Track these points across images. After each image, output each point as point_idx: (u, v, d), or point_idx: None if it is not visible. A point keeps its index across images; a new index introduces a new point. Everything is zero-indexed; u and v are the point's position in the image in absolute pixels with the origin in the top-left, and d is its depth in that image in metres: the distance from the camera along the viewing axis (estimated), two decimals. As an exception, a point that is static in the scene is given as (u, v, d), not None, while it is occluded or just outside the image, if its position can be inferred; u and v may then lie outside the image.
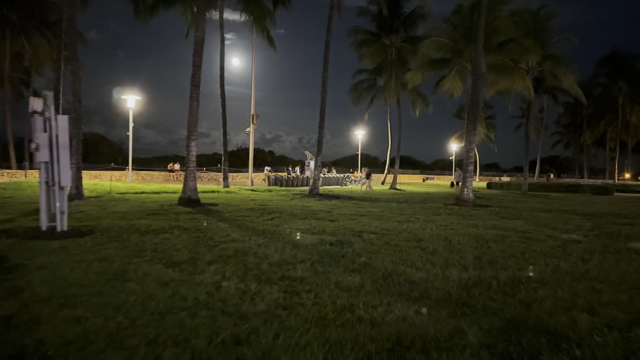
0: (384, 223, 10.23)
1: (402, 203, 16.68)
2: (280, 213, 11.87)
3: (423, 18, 33.17)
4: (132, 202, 14.20)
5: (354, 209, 13.97)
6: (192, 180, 13.26)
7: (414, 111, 40.07)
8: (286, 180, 31.95)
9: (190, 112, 13.10)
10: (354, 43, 34.04)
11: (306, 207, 13.81)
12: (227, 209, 12.50)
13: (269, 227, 9.07)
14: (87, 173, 30.28)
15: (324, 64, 19.17)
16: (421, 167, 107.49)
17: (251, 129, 29.97)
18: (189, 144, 13.23)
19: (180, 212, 11.39)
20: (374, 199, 18.36)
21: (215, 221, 9.86)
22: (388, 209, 14.18)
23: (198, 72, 13.13)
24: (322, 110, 19.20)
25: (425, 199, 19.49)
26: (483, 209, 14.64)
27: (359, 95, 40.24)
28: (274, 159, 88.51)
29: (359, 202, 16.57)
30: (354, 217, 11.32)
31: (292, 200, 16.56)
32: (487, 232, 9.20)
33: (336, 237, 8.03)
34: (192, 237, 7.79)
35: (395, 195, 22.59)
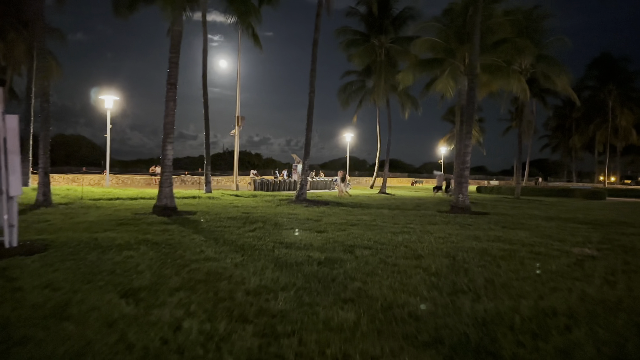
0: (378, 234, 9.31)
1: (394, 210, 15.80)
2: (264, 222, 10.91)
3: (413, 18, 32.45)
4: (104, 209, 13.13)
5: (343, 216, 13.05)
6: (168, 186, 12.24)
7: (403, 114, 39.28)
8: (273, 184, 30.96)
9: (167, 113, 12.09)
10: (343, 43, 33.18)
11: (292, 215, 12.86)
12: (207, 217, 11.50)
13: (250, 241, 8.10)
14: (64, 177, 29.04)
15: (312, 63, 18.25)
16: (410, 170, 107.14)
17: (236, 131, 28.96)
18: (165, 147, 12.21)
19: (153, 222, 10.37)
20: (364, 206, 17.46)
21: (190, 233, 8.86)
22: (380, 217, 13.28)
23: (175, 70, 12.14)
24: (309, 112, 18.27)
25: (417, 205, 18.65)
26: (480, 216, 13.81)
27: (347, 97, 39.37)
28: (261, 162, 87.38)
29: (349, 209, 15.66)
30: (344, 227, 10.39)
31: (277, 207, 15.59)
32: (492, 245, 8.32)
33: (325, 253, 7.09)
34: (160, 254, 6.80)
35: (385, 200, 21.73)
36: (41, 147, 13.57)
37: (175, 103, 12.17)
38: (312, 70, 18.23)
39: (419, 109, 38.55)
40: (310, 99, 18.26)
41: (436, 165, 68.35)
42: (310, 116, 18.28)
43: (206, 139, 21.18)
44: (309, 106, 18.32)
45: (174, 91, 12.14)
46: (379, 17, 32.75)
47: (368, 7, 33.19)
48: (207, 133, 21.11)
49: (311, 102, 18.27)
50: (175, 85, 12.17)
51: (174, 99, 12.13)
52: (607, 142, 50.83)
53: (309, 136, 18.33)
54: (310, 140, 18.28)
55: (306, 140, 18.37)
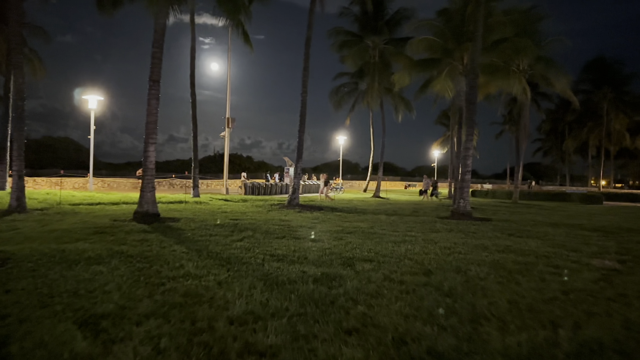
0: (378, 245, 8.53)
1: (391, 216, 15.04)
2: (254, 230, 10.08)
3: (407, 19, 31.88)
4: (82, 215, 12.24)
5: (339, 223, 12.26)
6: (150, 190, 11.37)
7: (396, 116, 38.71)
8: (264, 187, 30.12)
9: (149, 111, 11.24)
10: (335, 44, 32.50)
11: (285, 222, 12.04)
12: (191, 225, 10.65)
13: (237, 253, 7.28)
14: (47, 180, 28.01)
15: (304, 61, 17.48)
16: (402, 173, 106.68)
17: (226, 133, 28.10)
18: (147, 149, 11.35)
19: (132, 231, 9.51)
20: (360, 211, 16.67)
21: (170, 244, 8.02)
22: (378, 223, 12.51)
23: (158, 66, 11.30)
24: (302, 113, 17.48)
25: (415, 210, 17.90)
26: (483, 223, 13.07)
27: (340, 99, 38.69)
28: (253, 165, 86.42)
29: (344, 215, 14.88)
30: (340, 236, 9.60)
31: (269, 213, 14.77)
32: (504, 257, 7.57)
33: (321, 267, 6.29)
34: (134, 269, 5.97)
35: (381, 204, 20.97)
36: (15, 149, 12.67)
37: (158, 101, 11.32)
38: (305, 69, 17.45)
39: (412, 111, 37.99)
40: (303, 99, 17.47)
41: (429, 168, 67.90)
42: (303, 117, 17.49)
43: (194, 140, 20.28)
44: (302, 107, 17.52)
45: (157, 88, 11.30)
46: (373, 18, 32.13)
47: (362, 7, 32.57)
48: (194, 134, 20.22)
49: (304, 103, 17.49)
50: (159, 83, 11.32)
51: (156, 96, 11.28)
52: (602, 146, 50.46)
53: (301, 138, 17.53)
54: (303, 143, 17.50)
55: (299, 142, 17.57)
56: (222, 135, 28.46)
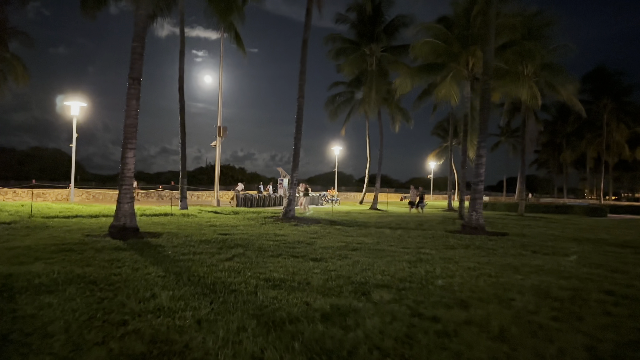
0: (390, 265, 7.29)
1: (396, 229, 13.81)
2: (245, 247, 8.81)
3: (405, 26, 30.89)
4: (52, 230, 10.91)
5: (340, 238, 11.00)
6: (127, 202, 10.06)
7: (393, 127, 37.70)
8: (257, 199, 28.82)
9: (128, 113, 9.98)
10: (332, 51, 31.47)
11: (280, 237, 10.77)
12: (174, 241, 9.35)
13: (225, 277, 6.00)
14: (29, 192, 26.54)
15: (301, 64, 16.34)
16: (396, 185, 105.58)
17: (218, 142, 26.85)
18: (125, 155, 10.07)
19: (104, 248, 8.20)
20: (361, 224, 15.43)
21: (145, 265, 6.73)
22: (383, 238, 11.27)
23: (139, 62, 10.07)
24: (298, 119, 16.29)
25: (419, 222, 16.67)
26: (500, 238, 11.86)
27: (336, 109, 37.66)
28: (246, 176, 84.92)
29: (345, 229, 13.63)
30: (345, 254, 8.34)
31: (262, 226, 13.49)
32: (543, 281, 6.35)
33: (329, 297, 5.04)
34: (92, 301, 4.69)
35: (381, 217, 19.73)
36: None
37: (138, 102, 10.08)
38: (302, 72, 16.30)
39: (410, 121, 37.01)
40: (299, 104, 16.30)
41: (425, 180, 66.91)
42: (300, 124, 16.31)
43: (182, 149, 18.97)
44: (298, 112, 16.35)
45: (138, 87, 10.06)
46: (370, 25, 31.16)
47: (358, 14, 31.61)
48: (182, 142, 18.92)
49: (300, 109, 16.32)
50: (139, 81, 10.08)
51: (137, 96, 10.03)
52: (602, 158, 49.56)
53: (297, 146, 16.31)
54: (299, 151, 16.28)
55: (294, 151, 16.34)
56: (214, 145, 27.21)
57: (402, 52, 31.41)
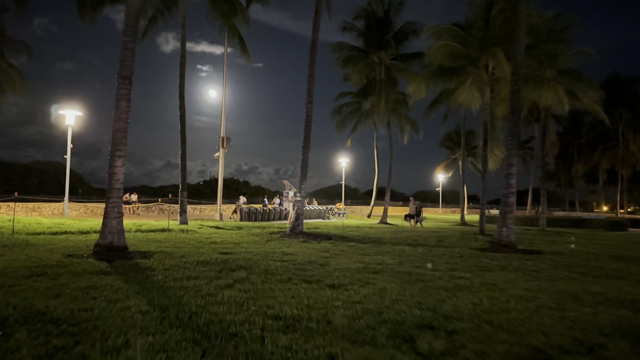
0: (425, 294, 6.02)
1: (415, 246, 12.52)
2: (250, 270, 7.56)
3: (415, 33, 29.87)
4: (33, 249, 9.70)
5: (356, 257, 9.74)
6: (115, 217, 8.83)
7: (401, 137, 36.51)
8: (261, 213, 27.55)
9: (117, 116, 8.81)
10: (339, 59, 30.41)
11: (289, 256, 9.51)
12: (166, 262, 8.09)
13: (223, 314, 4.75)
14: (24, 206, 25.39)
15: (309, 67, 15.20)
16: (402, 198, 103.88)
17: (221, 154, 25.73)
18: (113, 163, 8.87)
19: (83, 272, 6.96)
20: (375, 240, 14.13)
21: (127, 295, 5.49)
22: (405, 257, 9.99)
23: (130, 59, 8.92)
24: (307, 127, 15.11)
25: (439, 239, 15.34)
26: (536, 257, 10.53)
27: (343, 120, 36.59)
28: (250, 190, 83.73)
29: (358, 246, 12.34)
30: (367, 279, 7.08)
31: (268, 243, 12.23)
32: (623, 316, 5.07)
33: (360, 347, 3.78)
34: (42, 352, 3.46)
35: (395, 232, 18.39)
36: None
37: (129, 103, 8.91)
38: (310, 76, 15.16)
39: (419, 132, 35.84)
40: (307, 110, 15.13)
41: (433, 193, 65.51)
42: (308, 132, 15.12)
43: (182, 159, 17.75)
44: (306, 121, 15.17)
45: (129, 87, 8.89)
46: (379, 32, 30.12)
47: (366, 21, 30.59)
48: (183, 152, 17.71)
49: (309, 116, 15.15)
50: (130, 80, 8.92)
51: (127, 97, 8.87)
52: (618, 170, 47.97)
53: (306, 156, 15.11)
54: (308, 161, 15.07)
55: (302, 161, 15.13)
56: (217, 156, 26.07)
57: (412, 60, 30.38)
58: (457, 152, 55.95)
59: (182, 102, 17.72)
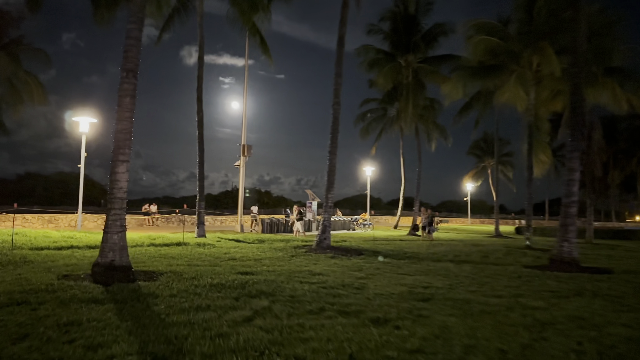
0: (500, 334, 4.61)
1: (459, 263, 11.05)
2: (272, 296, 6.25)
3: (445, 34, 28.45)
4: (27, 267, 8.57)
5: (396, 278, 8.35)
6: (117, 231, 7.62)
7: (429, 145, 34.99)
8: (283, 224, 26.29)
9: (120, 115, 7.64)
10: (364, 63, 29.11)
11: (318, 277, 8.16)
12: (174, 287, 6.82)
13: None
14: (39, 217, 24.67)
15: (336, 66, 13.95)
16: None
17: (242, 162, 24.63)
18: (115, 169, 7.70)
19: (72, 299, 5.73)
20: (411, 255, 12.68)
21: (116, 336, 4.23)
22: (453, 278, 8.56)
23: (135, 49, 7.76)
24: (334, 130, 13.82)
25: (482, 254, 13.77)
26: (607, 278, 8.95)
27: (367, 126, 35.29)
28: (272, 200, 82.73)
29: (395, 262, 10.93)
30: (417, 309, 5.70)
31: (293, 260, 10.92)
32: None
33: None
34: None
35: (430, 246, 16.83)
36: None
37: (134, 100, 7.75)
38: (337, 75, 13.89)
39: (448, 139, 34.30)
40: (334, 112, 13.85)
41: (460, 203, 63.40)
42: (335, 135, 13.83)
43: (199, 167, 16.58)
44: (333, 123, 13.89)
45: (134, 82, 7.74)
46: (406, 35, 28.74)
47: (392, 23, 29.28)
48: (200, 159, 16.56)
49: (336, 117, 13.87)
50: (136, 74, 7.76)
51: (132, 93, 7.71)
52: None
53: (333, 162, 13.79)
54: (335, 167, 13.76)
55: (329, 167, 13.81)
56: (237, 165, 24.98)
57: (442, 62, 28.95)
58: (485, 160, 54.00)
59: (200, 106, 16.62)
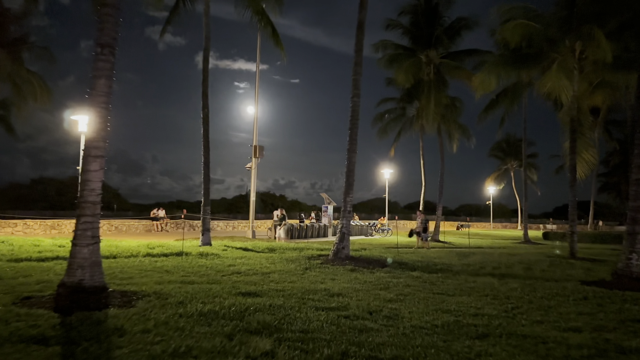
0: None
1: (503, 278, 9.40)
2: (278, 333, 4.71)
3: (469, 28, 26.73)
4: (-12, 285, 7.18)
5: (435, 302, 6.74)
6: (88, 243, 6.16)
7: (450, 146, 33.19)
8: (298, 230, 24.76)
9: (94, 100, 6.20)
10: (383, 59, 27.51)
11: (336, 300, 6.61)
12: (153, 316, 5.31)
13: None
14: (42, 223, 23.53)
15: (355, 54, 12.40)
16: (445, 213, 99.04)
17: (253, 164, 23.22)
18: (87, 167, 6.25)
19: (8, 340, 4.26)
20: (444, 268, 11.02)
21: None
22: (503, 299, 6.93)
23: (113, 20, 6.30)
24: (353, 124, 12.26)
25: (523, 264, 12.05)
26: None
27: (385, 126, 33.65)
28: (286, 204, 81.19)
29: (426, 277, 9.32)
30: (473, 350, 4.12)
31: (306, 274, 9.38)
32: None
33: None
34: None
35: (461, 255, 15.03)
36: None
37: (110, 82, 6.29)
38: (356, 64, 12.34)
39: (471, 139, 32.43)
40: (353, 105, 12.29)
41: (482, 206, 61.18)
42: (355, 131, 12.27)
43: (204, 168, 15.06)
44: (352, 117, 12.34)
45: (111, 60, 6.22)
46: (427, 28, 27.02)
47: (412, 17, 27.61)
48: (206, 159, 15.05)
49: (355, 110, 12.31)
50: (113, 50, 6.26)
51: (109, 74, 6.22)
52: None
53: (352, 160, 12.22)
54: (354, 166, 12.20)
55: (348, 167, 12.24)
56: (249, 167, 23.57)
57: (466, 57, 27.23)
58: (508, 161, 52.02)
59: (205, 101, 15.19)
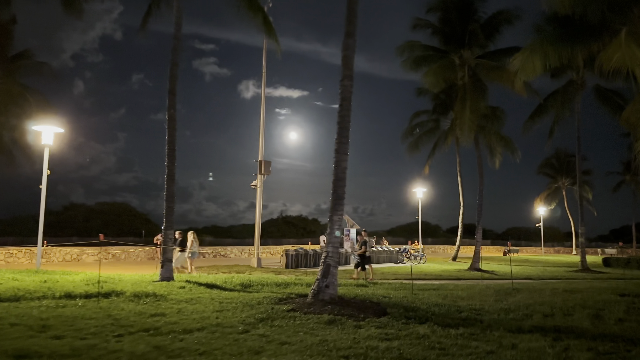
0: None
1: (559, 336, 5.81)
2: None
3: (509, 23, 23.26)
4: None
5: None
6: None
7: (491, 161, 29.39)
8: (312, 256, 21.49)
9: None
10: (408, 61, 24.32)
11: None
12: None
13: None
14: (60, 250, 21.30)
15: (346, 22, 9.17)
16: (491, 237, 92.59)
17: (258, 181, 20.32)
18: None
19: None
20: (470, 316, 7.45)
21: None
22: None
23: None
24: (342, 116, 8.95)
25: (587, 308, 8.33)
26: None
27: (416, 141, 30.33)
28: (319, 228, 78.16)
29: (438, 336, 5.84)
30: None
31: (250, 332, 6.09)
32: None
33: None
34: None
35: (502, 293, 11.25)
36: None
37: None
38: (348, 35, 9.11)
39: (516, 152, 28.54)
40: (343, 90, 9.01)
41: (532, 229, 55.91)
42: (345, 124, 9.01)
43: (167, 182, 11.69)
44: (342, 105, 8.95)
45: None
46: (460, 26, 23.72)
47: (443, 13, 24.35)
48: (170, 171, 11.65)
49: (346, 98, 9.03)
50: None
51: None
52: None
53: (342, 166, 8.92)
54: (346, 171, 8.94)
55: (336, 174, 8.94)
56: (253, 186, 20.68)
57: (505, 58, 23.63)
58: (559, 180, 47.19)
59: (172, 100, 12.39)
